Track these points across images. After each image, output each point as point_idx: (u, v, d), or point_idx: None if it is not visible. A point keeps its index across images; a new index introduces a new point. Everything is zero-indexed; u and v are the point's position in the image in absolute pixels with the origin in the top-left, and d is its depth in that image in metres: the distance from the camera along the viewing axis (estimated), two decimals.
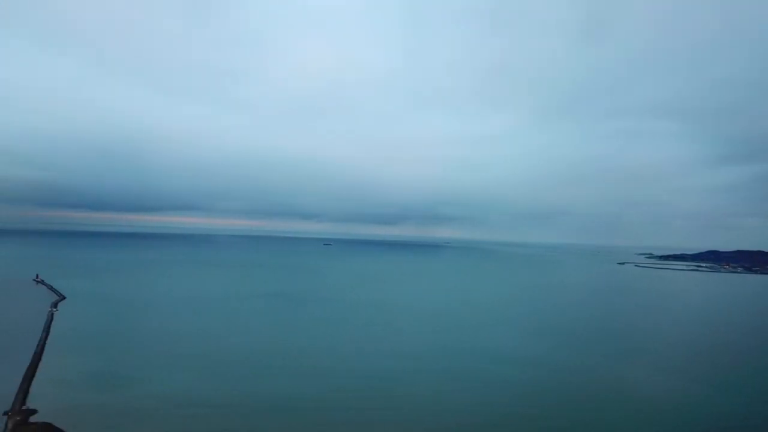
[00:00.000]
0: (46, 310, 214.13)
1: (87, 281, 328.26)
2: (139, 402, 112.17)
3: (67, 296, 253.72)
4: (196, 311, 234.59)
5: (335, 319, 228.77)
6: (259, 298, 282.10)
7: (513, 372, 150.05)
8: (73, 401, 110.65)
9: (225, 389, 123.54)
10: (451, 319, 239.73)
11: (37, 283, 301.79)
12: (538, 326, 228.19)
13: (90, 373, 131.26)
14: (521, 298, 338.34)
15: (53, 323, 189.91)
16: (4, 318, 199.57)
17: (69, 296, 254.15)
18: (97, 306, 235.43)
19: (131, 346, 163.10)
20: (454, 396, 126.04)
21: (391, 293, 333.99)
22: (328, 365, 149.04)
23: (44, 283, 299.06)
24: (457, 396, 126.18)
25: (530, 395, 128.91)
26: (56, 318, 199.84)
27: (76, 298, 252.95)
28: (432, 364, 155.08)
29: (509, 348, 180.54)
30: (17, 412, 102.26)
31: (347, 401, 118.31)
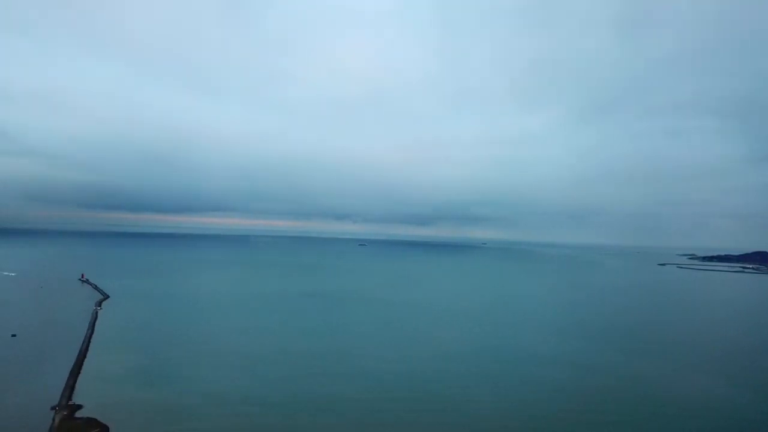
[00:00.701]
0: (91, 308, 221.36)
1: (130, 281, 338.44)
2: (181, 399, 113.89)
3: (110, 295, 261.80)
4: (235, 310, 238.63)
5: (372, 319, 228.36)
6: (297, 298, 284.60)
7: (551, 374, 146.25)
8: (116, 397, 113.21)
9: (264, 388, 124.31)
10: (488, 320, 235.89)
11: (83, 282, 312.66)
12: (577, 328, 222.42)
13: (133, 370, 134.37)
14: (559, 300, 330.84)
15: (98, 321, 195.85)
16: (52, 316, 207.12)
17: (112, 295, 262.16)
18: (139, 305, 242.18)
19: (173, 344, 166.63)
20: (491, 398, 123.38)
21: (427, 294, 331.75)
22: (365, 365, 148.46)
23: (89, 282, 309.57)
24: (494, 398, 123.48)
25: (568, 397, 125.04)
26: (100, 316, 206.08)
27: (120, 296, 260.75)
28: (469, 366, 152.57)
29: (548, 350, 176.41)
30: (64, 407, 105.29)
31: (385, 402, 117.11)
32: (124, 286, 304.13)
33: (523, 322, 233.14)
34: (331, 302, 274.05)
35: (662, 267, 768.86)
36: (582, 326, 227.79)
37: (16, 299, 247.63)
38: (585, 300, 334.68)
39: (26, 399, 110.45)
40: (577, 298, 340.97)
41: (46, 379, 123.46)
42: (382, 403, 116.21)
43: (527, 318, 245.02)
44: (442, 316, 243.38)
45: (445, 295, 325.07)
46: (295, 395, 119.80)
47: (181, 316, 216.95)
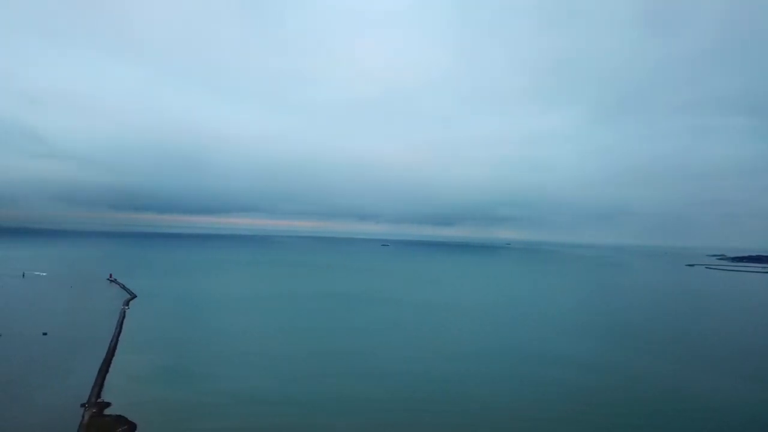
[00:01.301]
0: (118, 307, 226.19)
1: (156, 280, 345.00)
2: (206, 398, 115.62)
3: (138, 295, 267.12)
4: (258, 310, 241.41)
5: (395, 319, 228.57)
6: (320, 298, 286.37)
7: (574, 376, 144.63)
8: (143, 395, 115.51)
9: (286, 388, 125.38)
10: (511, 321, 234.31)
11: (111, 282, 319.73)
12: (602, 330, 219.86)
13: (159, 369, 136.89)
14: (582, 301, 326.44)
15: (125, 320, 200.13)
16: (81, 315, 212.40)
17: (139, 295, 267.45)
18: (165, 304, 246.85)
19: (198, 343, 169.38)
20: (511, 399, 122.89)
21: (449, 295, 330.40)
22: (386, 366, 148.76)
23: (117, 282, 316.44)
24: (515, 399, 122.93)
25: (590, 399, 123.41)
26: (128, 315, 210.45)
27: (146, 296, 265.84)
28: (489, 367, 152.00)
29: (572, 352, 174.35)
30: (93, 405, 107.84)
31: (404, 403, 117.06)
32: (151, 285, 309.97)
33: (546, 323, 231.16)
34: (353, 302, 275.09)
35: (690, 268, 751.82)
36: (606, 328, 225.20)
37: (47, 298, 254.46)
38: (610, 301, 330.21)
39: (57, 396, 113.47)
40: (601, 300, 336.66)
41: (75, 377, 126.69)
42: (401, 404, 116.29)
43: (550, 319, 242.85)
44: (463, 316, 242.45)
45: (467, 296, 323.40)
46: (317, 395, 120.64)
47: (206, 316, 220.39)
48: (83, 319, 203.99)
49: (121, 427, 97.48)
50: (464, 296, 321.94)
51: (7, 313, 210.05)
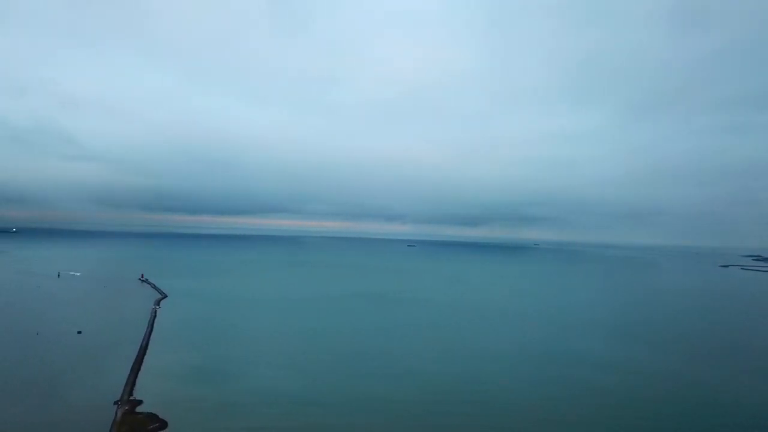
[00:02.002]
0: (150, 307, 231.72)
1: (187, 280, 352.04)
2: (235, 396, 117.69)
3: (168, 294, 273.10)
4: (287, 310, 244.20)
5: (421, 320, 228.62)
6: (348, 298, 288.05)
7: (603, 377, 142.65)
8: (174, 394, 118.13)
9: (316, 387, 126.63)
10: (539, 322, 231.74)
11: (142, 282, 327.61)
12: (631, 332, 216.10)
13: (190, 368, 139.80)
14: (613, 302, 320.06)
15: (156, 319, 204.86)
16: (114, 314, 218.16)
17: (170, 294, 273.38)
18: (195, 304, 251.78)
19: (227, 342, 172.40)
20: (541, 401, 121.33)
21: (477, 295, 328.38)
22: (414, 366, 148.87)
23: (148, 282, 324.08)
24: (544, 401, 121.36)
25: (620, 402, 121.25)
26: (159, 315, 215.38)
27: (177, 296, 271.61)
28: (519, 368, 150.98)
29: (601, 353, 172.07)
30: (125, 402, 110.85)
31: (433, 404, 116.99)
32: (182, 285, 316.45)
33: (574, 324, 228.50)
34: (380, 303, 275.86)
35: (724, 269, 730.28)
36: (635, 329, 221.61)
37: (81, 298, 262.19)
38: (639, 302, 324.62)
39: (91, 393, 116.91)
40: (631, 301, 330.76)
41: (109, 375, 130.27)
42: (428, 405, 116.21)
43: (579, 320, 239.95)
44: (491, 317, 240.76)
45: (494, 297, 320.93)
46: (344, 395, 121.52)
47: (235, 316, 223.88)
48: (116, 318, 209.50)
49: (153, 424, 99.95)
50: (491, 297, 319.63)
51: (43, 312, 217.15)
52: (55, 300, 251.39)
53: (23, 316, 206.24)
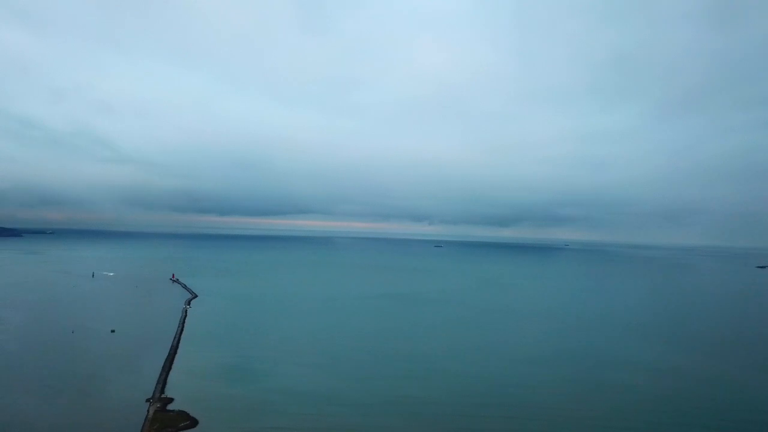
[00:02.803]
0: (181, 306, 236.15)
1: (217, 280, 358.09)
2: (265, 395, 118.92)
3: (199, 294, 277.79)
4: (316, 310, 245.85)
5: (450, 321, 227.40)
6: (376, 299, 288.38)
7: (635, 380, 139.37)
8: (205, 392, 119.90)
9: (345, 387, 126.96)
10: (573, 324, 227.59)
11: (173, 282, 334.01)
12: (667, 334, 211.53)
13: (220, 366, 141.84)
14: (648, 304, 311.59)
15: (187, 319, 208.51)
16: (146, 313, 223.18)
17: (201, 294, 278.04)
18: (226, 304, 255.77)
19: (257, 341, 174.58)
20: (572, 403, 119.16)
21: (507, 296, 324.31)
22: (443, 367, 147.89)
23: (179, 282, 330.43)
24: (575, 404, 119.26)
25: (655, 405, 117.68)
26: (190, 314, 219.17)
27: (207, 296, 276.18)
28: (549, 370, 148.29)
29: (635, 356, 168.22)
30: (157, 400, 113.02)
31: (463, 406, 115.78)
32: (211, 285, 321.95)
33: (608, 326, 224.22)
34: (408, 304, 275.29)
35: (761, 270, 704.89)
36: (672, 332, 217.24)
37: (115, 297, 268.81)
38: (675, 304, 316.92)
39: (124, 390, 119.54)
40: (665, 303, 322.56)
41: (141, 373, 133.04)
42: (458, 407, 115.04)
43: (612, 322, 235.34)
44: (521, 318, 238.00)
45: (524, 298, 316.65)
46: (374, 395, 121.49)
47: (265, 315, 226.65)
48: (148, 317, 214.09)
49: (183, 422, 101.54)
50: (520, 298, 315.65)
51: (79, 311, 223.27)
52: (89, 299, 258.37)
53: (60, 314, 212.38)
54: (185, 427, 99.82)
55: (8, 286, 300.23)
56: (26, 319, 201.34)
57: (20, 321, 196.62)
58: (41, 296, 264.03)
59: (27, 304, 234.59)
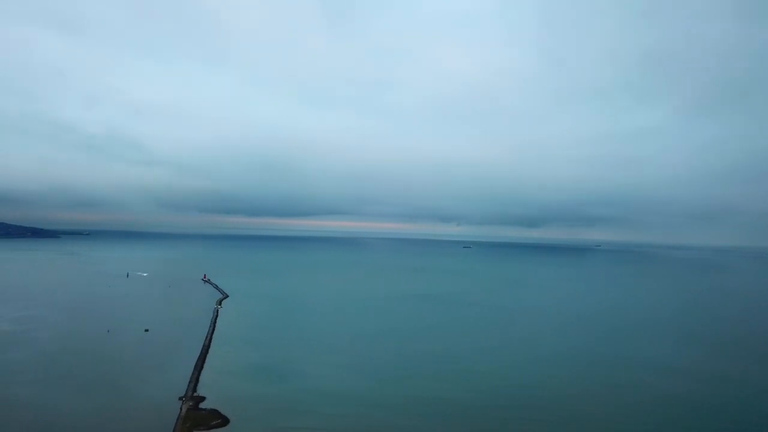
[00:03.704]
0: (212, 306, 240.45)
1: (247, 281, 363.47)
2: (295, 395, 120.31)
3: (230, 294, 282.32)
4: (346, 310, 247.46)
5: (480, 322, 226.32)
6: (405, 299, 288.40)
7: (670, 384, 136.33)
8: (236, 391, 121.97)
9: (375, 388, 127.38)
10: (604, 325, 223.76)
11: (205, 282, 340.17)
12: (702, 337, 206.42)
13: (250, 366, 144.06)
14: (682, 306, 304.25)
15: (218, 319, 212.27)
16: (178, 313, 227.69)
17: (232, 294, 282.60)
18: (256, 304, 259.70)
19: (287, 341, 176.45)
20: (605, 407, 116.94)
21: (537, 297, 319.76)
22: (473, 368, 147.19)
23: (210, 282, 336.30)
24: (609, 407, 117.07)
25: (694, 411, 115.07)
26: (221, 314, 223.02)
27: (238, 296, 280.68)
28: (584, 373, 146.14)
29: (667, 359, 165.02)
30: (189, 398, 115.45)
31: (493, 408, 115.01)
32: (242, 286, 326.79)
33: (641, 329, 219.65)
34: (436, 304, 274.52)
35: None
36: (706, 335, 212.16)
37: (148, 297, 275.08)
38: (712, 307, 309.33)
39: (157, 389, 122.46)
40: (702, 305, 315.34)
41: (174, 372, 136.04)
42: (490, 409, 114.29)
43: (645, 325, 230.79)
44: (551, 320, 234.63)
45: (555, 299, 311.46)
46: (404, 396, 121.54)
47: (295, 315, 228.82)
48: (180, 317, 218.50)
49: (215, 420, 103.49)
50: (552, 299, 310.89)
51: (114, 310, 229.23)
52: (124, 299, 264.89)
53: (95, 314, 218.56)
54: (217, 426, 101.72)
55: (48, 285, 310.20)
56: (65, 318, 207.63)
57: (59, 320, 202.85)
58: (78, 296, 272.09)
59: (65, 304, 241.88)
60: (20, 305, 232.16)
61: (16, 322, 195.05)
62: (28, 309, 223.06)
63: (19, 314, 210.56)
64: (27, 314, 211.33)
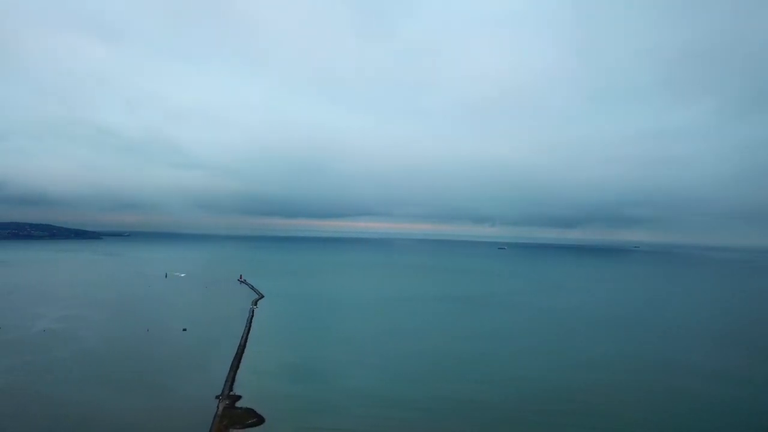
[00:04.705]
0: (248, 306, 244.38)
1: (282, 281, 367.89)
2: (329, 395, 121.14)
3: (265, 295, 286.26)
4: (379, 311, 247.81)
5: (514, 324, 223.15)
6: (439, 301, 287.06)
7: (715, 390, 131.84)
8: (271, 390, 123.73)
9: (409, 390, 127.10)
10: (645, 328, 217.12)
11: (241, 282, 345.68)
12: (746, 341, 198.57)
13: (285, 366, 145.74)
14: (729, 309, 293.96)
15: (254, 319, 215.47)
16: (215, 313, 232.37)
17: (267, 295, 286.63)
18: (291, 304, 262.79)
19: (321, 342, 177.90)
20: (642, 412, 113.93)
21: (574, 299, 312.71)
22: (507, 371, 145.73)
23: (246, 282, 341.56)
24: (646, 412, 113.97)
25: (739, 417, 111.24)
26: (256, 314, 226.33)
27: (273, 296, 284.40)
28: (624, 377, 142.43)
29: (711, 363, 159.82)
30: (226, 397, 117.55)
31: (527, 412, 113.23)
32: (277, 286, 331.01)
33: (683, 332, 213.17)
34: (471, 306, 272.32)
35: None
36: (753, 339, 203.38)
37: (186, 297, 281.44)
38: (756, 309, 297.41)
39: (195, 387, 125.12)
40: (745, 307, 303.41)
41: (210, 370, 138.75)
42: (525, 413, 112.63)
43: (687, 328, 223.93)
44: (590, 323, 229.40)
45: (593, 301, 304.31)
46: (436, 398, 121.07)
47: (329, 316, 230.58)
48: (217, 316, 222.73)
49: (251, 419, 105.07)
50: (589, 301, 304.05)
51: (153, 310, 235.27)
52: (163, 299, 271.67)
53: (135, 313, 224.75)
54: (252, 425, 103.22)
55: (91, 285, 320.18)
56: (106, 317, 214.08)
57: (101, 319, 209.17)
58: (119, 296, 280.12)
59: (107, 304, 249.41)
60: (65, 304, 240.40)
61: (61, 321, 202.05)
62: (72, 308, 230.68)
63: (63, 313, 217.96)
64: (71, 313, 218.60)
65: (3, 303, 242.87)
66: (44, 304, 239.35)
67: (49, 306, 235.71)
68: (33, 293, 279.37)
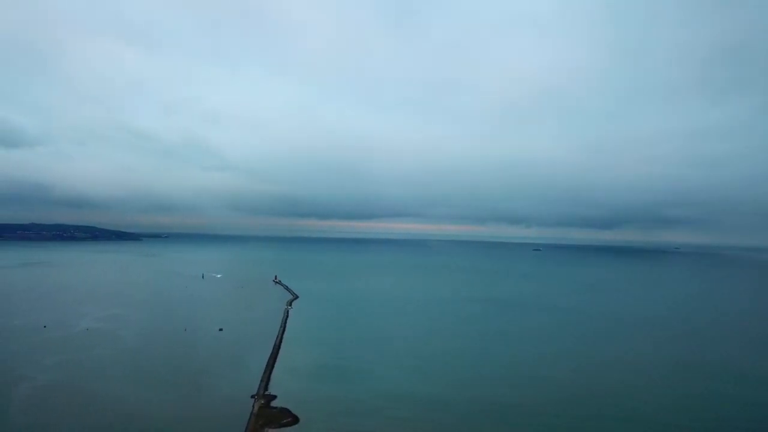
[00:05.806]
0: (283, 307, 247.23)
1: (317, 282, 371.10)
2: (363, 396, 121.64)
3: (299, 295, 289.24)
4: (413, 312, 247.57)
5: (552, 327, 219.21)
6: (473, 303, 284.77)
7: (758, 394, 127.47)
8: (305, 390, 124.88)
9: (442, 391, 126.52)
10: (685, 332, 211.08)
11: (276, 283, 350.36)
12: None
13: (319, 366, 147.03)
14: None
15: (288, 319, 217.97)
16: (251, 313, 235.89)
17: (301, 295, 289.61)
18: (325, 305, 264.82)
19: (355, 342, 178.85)
20: (688, 419, 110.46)
21: (612, 302, 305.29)
22: (541, 374, 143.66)
23: (281, 283, 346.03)
24: (692, 419, 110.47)
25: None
26: (291, 315, 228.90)
27: (308, 297, 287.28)
28: (661, 380, 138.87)
29: (757, 368, 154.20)
30: (261, 396, 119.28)
31: (565, 417, 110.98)
32: (312, 287, 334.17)
33: (726, 336, 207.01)
34: (506, 308, 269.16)
35: None
36: None
37: (222, 298, 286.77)
38: None
39: (231, 386, 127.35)
40: None
41: (246, 370, 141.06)
42: (561, 418, 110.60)
43: (730, 332, 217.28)
44: (626, 326, 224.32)
45: (632, 304, 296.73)
46: (470, 400, 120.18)
47: (363, 317, 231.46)
48: (253, 317, 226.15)
49: (286, 419, 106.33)
50: (628, 304, 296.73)
51: (190, 310, 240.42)
52: (200, 299, 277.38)
53: (173, 313, 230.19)
54: (287, 424, 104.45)
55: (130, 286, 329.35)
56: (145, 317, 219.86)
57: (141, 319, 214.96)
58: (158, 296, 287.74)
59: (146, 303, 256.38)
60: (106, 304, 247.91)
61: (102, 320, 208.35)
62: (113, 308, 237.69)
63: (105, 313, 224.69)
64: (112, 313, 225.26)
65: (48, 303, 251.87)
66: (87, 304, 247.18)
67: (91, 306, 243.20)
68: (76, 293, 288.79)
